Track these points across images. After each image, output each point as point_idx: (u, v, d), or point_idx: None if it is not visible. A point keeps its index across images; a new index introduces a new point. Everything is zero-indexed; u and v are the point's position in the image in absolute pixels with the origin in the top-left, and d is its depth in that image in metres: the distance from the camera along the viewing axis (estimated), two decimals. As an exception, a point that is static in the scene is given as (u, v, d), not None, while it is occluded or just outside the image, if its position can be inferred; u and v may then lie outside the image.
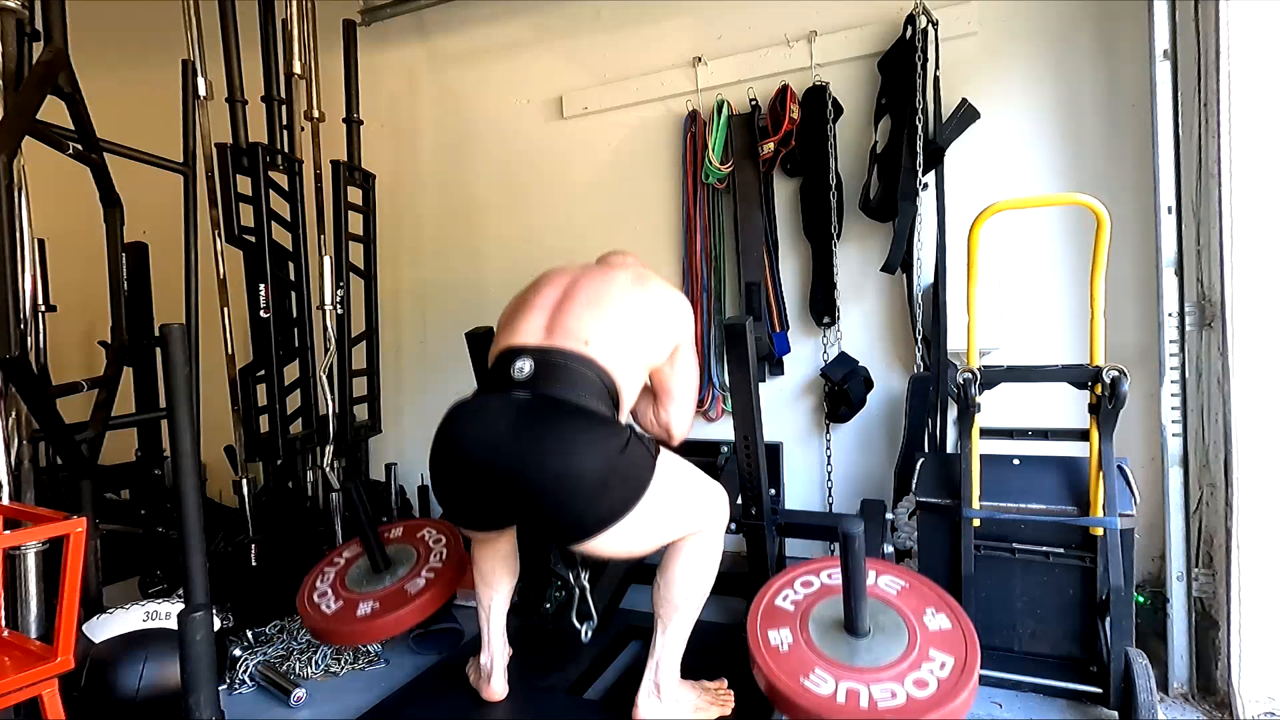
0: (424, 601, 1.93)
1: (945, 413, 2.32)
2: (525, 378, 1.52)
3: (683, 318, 1.74)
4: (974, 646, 1.45)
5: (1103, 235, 1.64)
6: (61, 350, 3.24)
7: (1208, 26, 1.74)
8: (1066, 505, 1.77)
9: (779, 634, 1.54)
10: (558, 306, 1.64)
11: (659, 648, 1.63)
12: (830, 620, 1.56)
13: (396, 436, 3.32)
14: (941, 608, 1.56)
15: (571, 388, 1.50)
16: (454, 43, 3.27)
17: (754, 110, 2.66)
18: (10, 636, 1.60)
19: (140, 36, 3.67)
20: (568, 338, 1.56)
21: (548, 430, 1.44)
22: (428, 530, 2.20)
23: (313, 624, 1.95)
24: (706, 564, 1.65)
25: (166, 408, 1.52)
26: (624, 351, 1.59)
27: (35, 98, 1.84)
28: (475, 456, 1.48)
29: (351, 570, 2.09)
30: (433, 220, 3.37)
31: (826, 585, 1.66)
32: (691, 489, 1.64)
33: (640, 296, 1.68)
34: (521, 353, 1.56)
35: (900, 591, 1.62)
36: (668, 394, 1.78)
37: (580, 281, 1.69)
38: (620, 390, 1.57)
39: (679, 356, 1.74)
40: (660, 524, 1.55)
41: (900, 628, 1.52)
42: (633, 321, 1.63)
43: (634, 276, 1.72)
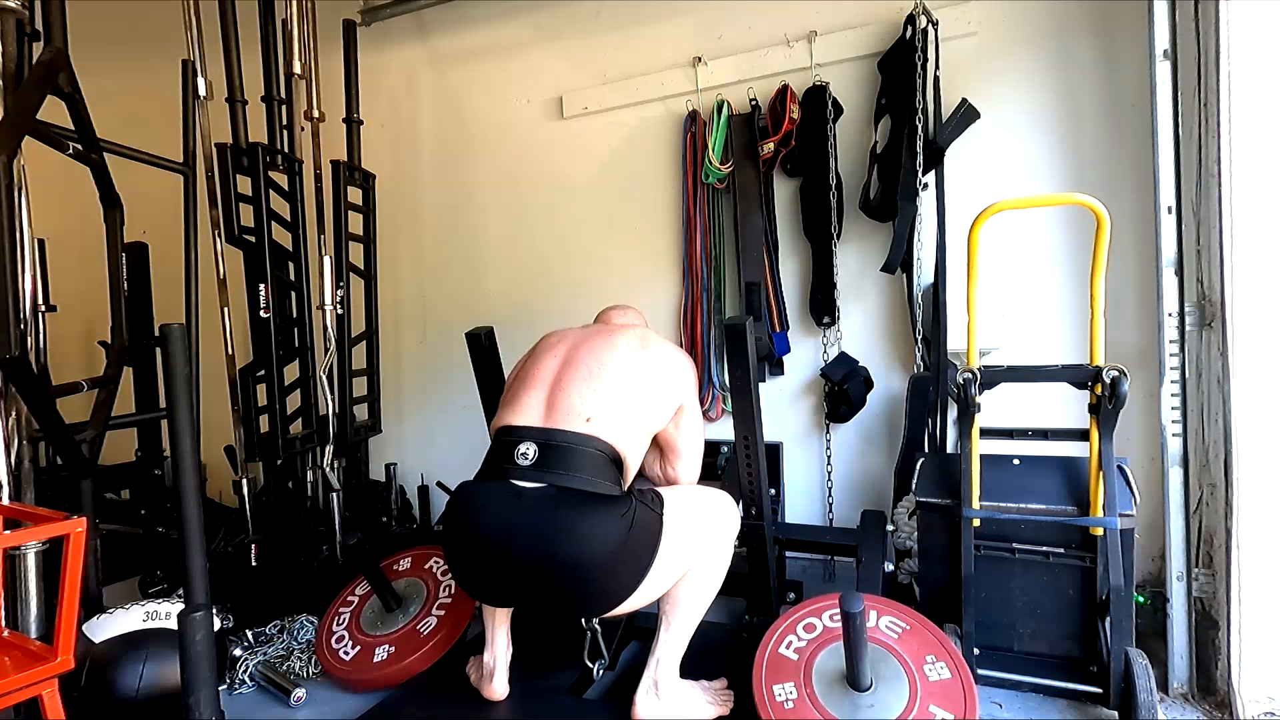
0: (437, 643, 1.97)
1: (945, 413, 2.32)
2: (530, 464, 1.53)
3: (685, 379, 1.75)
4: (973, 700, 1.49)
5: (1103, 235, 1.64)
6: (61, 350, 3.25)
7: (1208, 26, 1.73)
8: (1066, 505, 1.77)
9: (784, 689, 1.58)
10: (557, 380, 1.64)
11: (661, 645, 1.63)
12: (833, 672, 1.59)
13: (396, 436, 3.32)
14: (941, 655, 1.59)
15: (576, 472, 1.51)
16: (454, 43, 3.27)
17: (754, 110, 2.66)
18: (10, 636, 1.60)
19: (140, 36, 3.67)
20: (569, 417, 1.57)
21: (559, 523, 1.47)
22: (435, 561, 2.22)
23: (333, 672, 1.99)
24: (716, 565, 1.67)
25: (166, 408, 1.52)
26: (626, 423, 1.60)
27: (35, 98, 1.84)
28: (490, 548, 1.51)
29: (365, 611, 2.12)
30: (433, 220, 3.37)
31: (829, 629, 1.68)
32: (701, 520, 1.67)
33: (641, 362, 1.68)
34: (524, 435, 1.58)
35: (901, 635, 1.65)
36: (675, 452, 1.80)
37: (580, 349, 1.69)
38: (625, 459, 1.59)
39: (683, 416, 1.76)
40: (675, 568, 1.60)
41: (901, 678, 1.55)
42: (634, 391, 1.63)
43: (636, 340, 1.72)
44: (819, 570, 2.64)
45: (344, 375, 2.69)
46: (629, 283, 2.96)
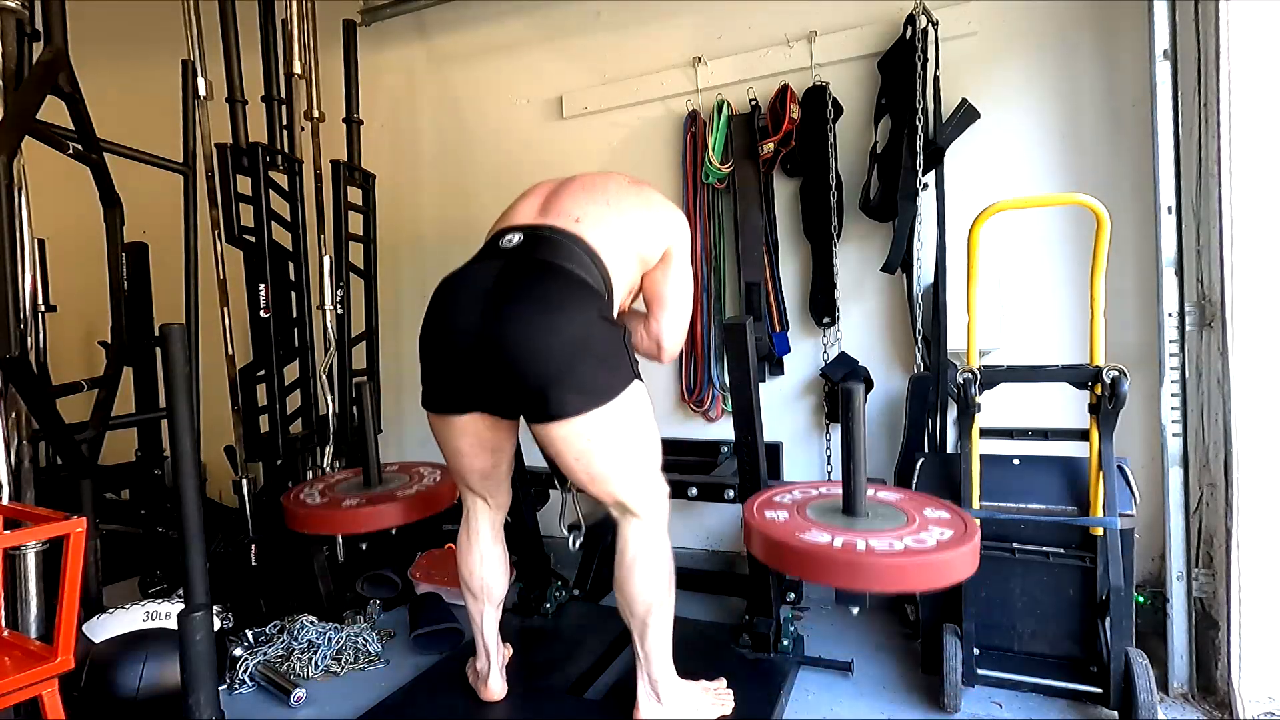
0: (411, 503, 1.89)
1: (945, 413, 2.32)
2: (513, 247, 1.53)
3: (678, 224, 1.73)
4: (973, 525, 1.45)
5: (1103, 235, 1.64)
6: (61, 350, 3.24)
7: (1208, 26, 1.73)
8: (1066, 505, 1.77)
9: (775, 513, 1.55)
10: (553, 193, 1.67)
11: (642, 659, 1.60)
12: (827, 507, 1.58)
13: (397, 436, 3.32)
14: (940, 506, 1.57)
15: (559, 256, 1.50)
16: (454, 43, 3.27)
17: (754, 110, 2.66)
18: (10, 636, 1.60)
19: (140, 36, 3.67)
20: (559, 216, 1.58)
21: (531, 284, 1.44)
22: (423, 467, 2.22)
23: (294, 512, 1.89)
24: (659, 567, 1.57)
25: (166, 408, 1.52)
26: (615, 235, 1.58)
27: (35, 98, 1.84)
28: (458, 318, 1.48)
29: (342, 484, 2.10)
30: (433, 220, 3.37)
31: (824, 494, 1.68)
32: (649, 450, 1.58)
33: (636, 194, 1.69)
34: (512, 229, 1.58)
35: (901, 499, 1.64)
36: (659, 301, 1.74)
37: (577, 177, 1.72)
38: (610, 273, 1.56)
39: (672, 262, 1.72)
40: (616, 446, 1.49)
41: (900, 514, 1.53)
42: (626, 211, 1.63)
43: (630, 179, 1.74)
44: (819, 570, 2.63)
45: (344, 375, 2.69)
46: (629, 283, 2.96)
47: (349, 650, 2.16)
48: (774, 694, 1.77)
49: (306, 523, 1.90)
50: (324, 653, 2.13)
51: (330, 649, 2.15)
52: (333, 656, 2.14)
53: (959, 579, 1.40)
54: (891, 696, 1.87)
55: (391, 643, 2.28)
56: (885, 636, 2.21)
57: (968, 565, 1.37)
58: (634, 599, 1.56)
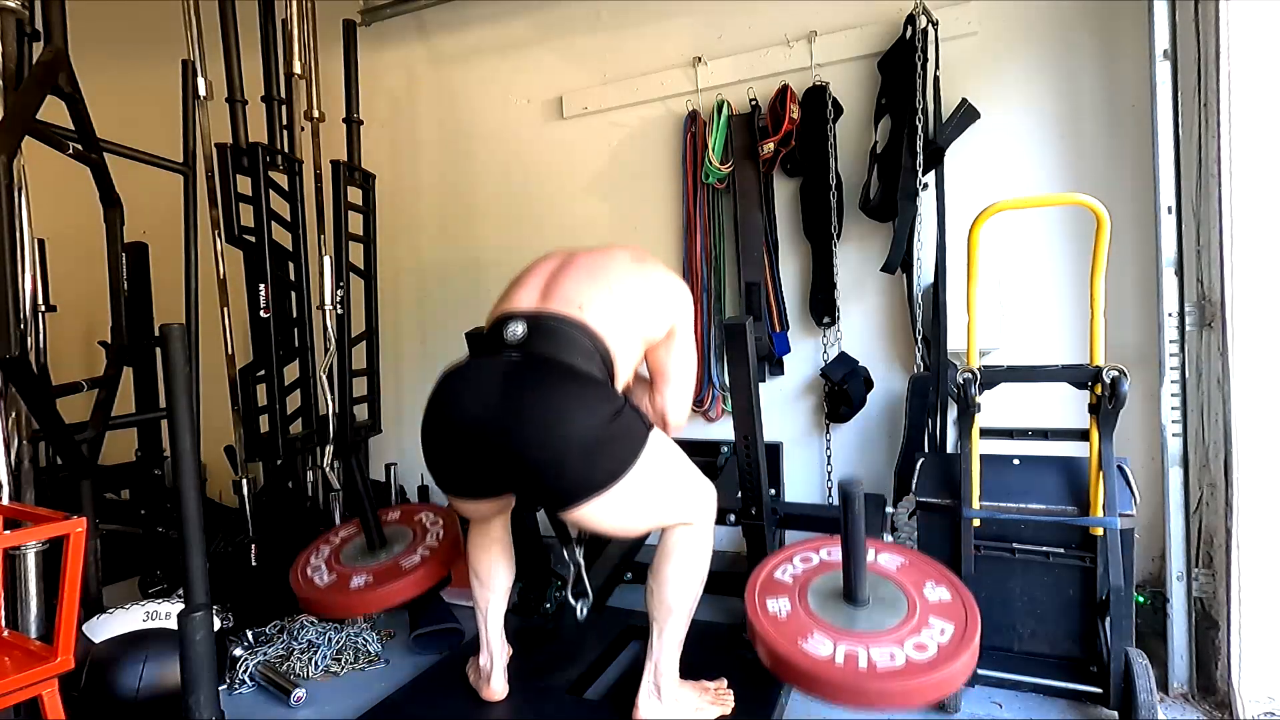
0: (418, 577, 1.91)
1: (945, 413, 2.32)
2: (518, 340, 1.51)
3: (681, 301, 1.73)
4: (974, 615, 1.44)
5: (1103, 235, 1.64)
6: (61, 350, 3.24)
7: (1208, 26, 1.73)
8: (1066, 505, 1.77)
9: (777, 603, 1.53)
10: (554, 275, 1.65)
11: (655, 650, 1.62)
12: (829, 590, 1.56)
13: (396, 436, 3.31)
14: (941, 581, 1.56)
15: (564, 349, 1.49)
16: (454, 43, 3.27)
17: (754, 110, 2.66)
18: (10, 636, 1.60)
19: (140, 36, 3.67)
20: (562, 303, 1.56)
21: (539, 389, 1.43)
22: (425, 514, 2.20)
23: (304, 594, 1.91)
24: (697, 562, 1.62)
25: (166, 408, 1.52)
26: (618, 320, 1.58)
27: (35, 98, 1.84)
28: (465, 417, 1.47)
29: (346, 548, 2.08)
30: (433, 220, 3.37)
31: (825, 561, 1.66)
32: (683, 474, 1.61)
33: (639, 273, 1.68)
34: (515, 317, 1.56)
35: (900, 567, 1.62)
36: (664, 377, 1.75)
37: (578, 256, 1.70)
38: (614, 358, 1.55)
39: (676, 338, 1.72)
40: (650, 500, 1.52)
41: (900, 598, 1.51)
42: (629, 293, 1.63)
43: (633, 256, 1.73)
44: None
45: (344, 375, 2.69)
46: (629, 283, 2.96)
47: (349, 650, 2.16)
48: (774, 694, 1.77)
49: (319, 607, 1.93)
50: (324, 653, 2.13)
51: (330, 649, 2.15)
52: (333, 656, 2.14)
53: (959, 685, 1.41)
54: (891, 696, 1.87)
55: (391, 643, 2.28)
56: (885, 636, 2.20)
57: (967, 670, 1.38)
58: (667, 583, 1.59)
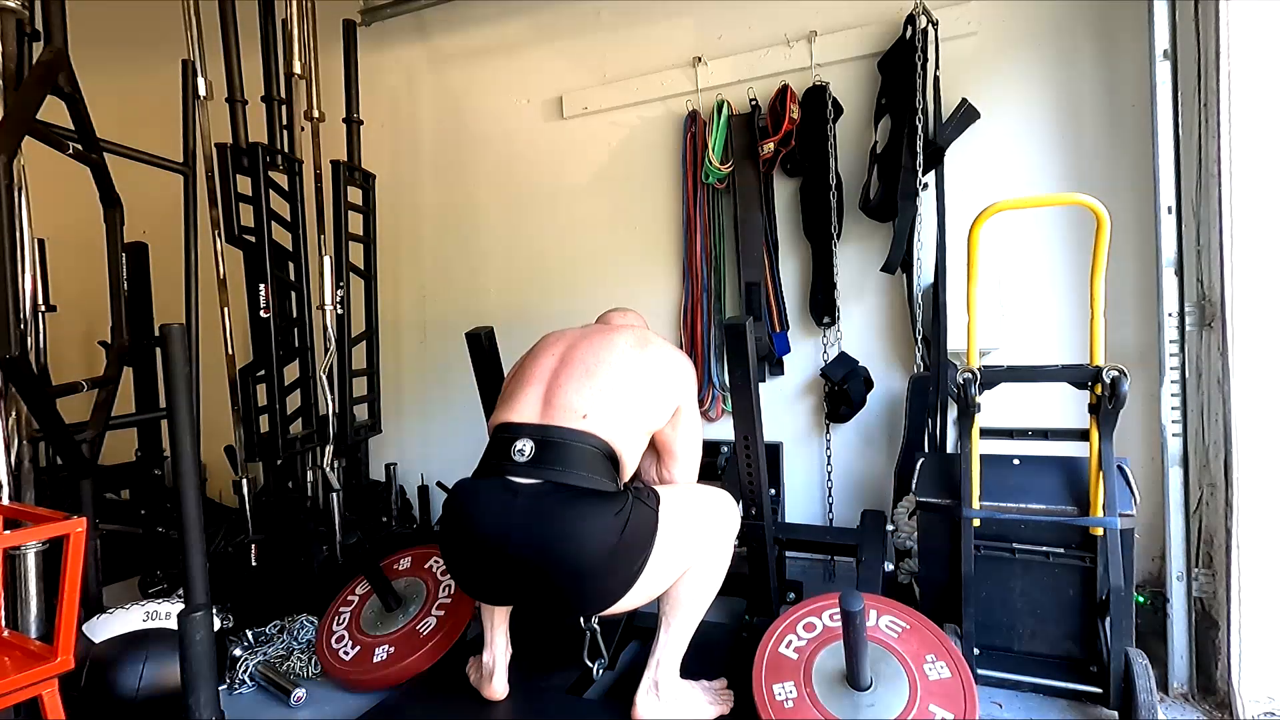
0: (437, 643, 1.96)
1: (945, 413, 2.32)
2: (526, 460, 1.53)
3: (684, 380, 1.74)
4: (973, 699, 1.49)
5: (1103, 235, 1.64)
6: (61, 350, 3.24)
7: (1208, 26, 1.73)
8: (1066, 505, 1.77)
9: (784, 688, 1.58)
10: (554, 377, 1.65)
11: (661, 645, 1.63)
12: (833, 671, 1.59)
13: (396, 436, 3.32)
14: (941, 654, 1.59)
15: (572, 468, 1.51)
16: (454, 43, 3.27)
17: (754, 110, 2.66)
18: (10, 636, 1.60)
19: (140, 36, 3.67)
20: (565, 414, 1.57)
21: (555, 520, 1.47)
22: (434, 560, 2.23)
23: (333, 673, 1.99)
24: (716, 565, 1.66)
25: (166, 408, 1.52)
26: (622, 420, 1.59)
27: (35, 98, 1.83)
28: (486, 546, 1.50)
29: (365, 611, 2.12)
30: (433, 220, 3.37)
31: (829, 629, 1.69)
32: (698, 518, 1.66)
33: (640, 361, 1.67)
34: (520, 432, 1.58)
35: (901, 635, 1.65)
36: (671, 455, 1.79)
37: (578, 347, 1.69)
38: (621, 457, 1.59)
39: (681, 418, 1.75)
40: (672, 567, 1.59)
41: (900, 677, 1.55)
42: (631, 389, 1.63)
43: (634, 340, 1.72)
44: (819, 570, 2.64)
45: (344, 375, 2.69)
46: (629, 282, 2.96)
47: (349, 650, 2.16)
48: (774, 694, 1.77)
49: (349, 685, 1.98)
50: (324, 653, 2.13)
51: (330, 649, 2.15)
52: (333, 656, 2.14)
53: None
54: (891, 696, 1.87)
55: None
56: (885, 636, 2.20)
57: None
58: (681, 583, 1.62)
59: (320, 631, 2.10)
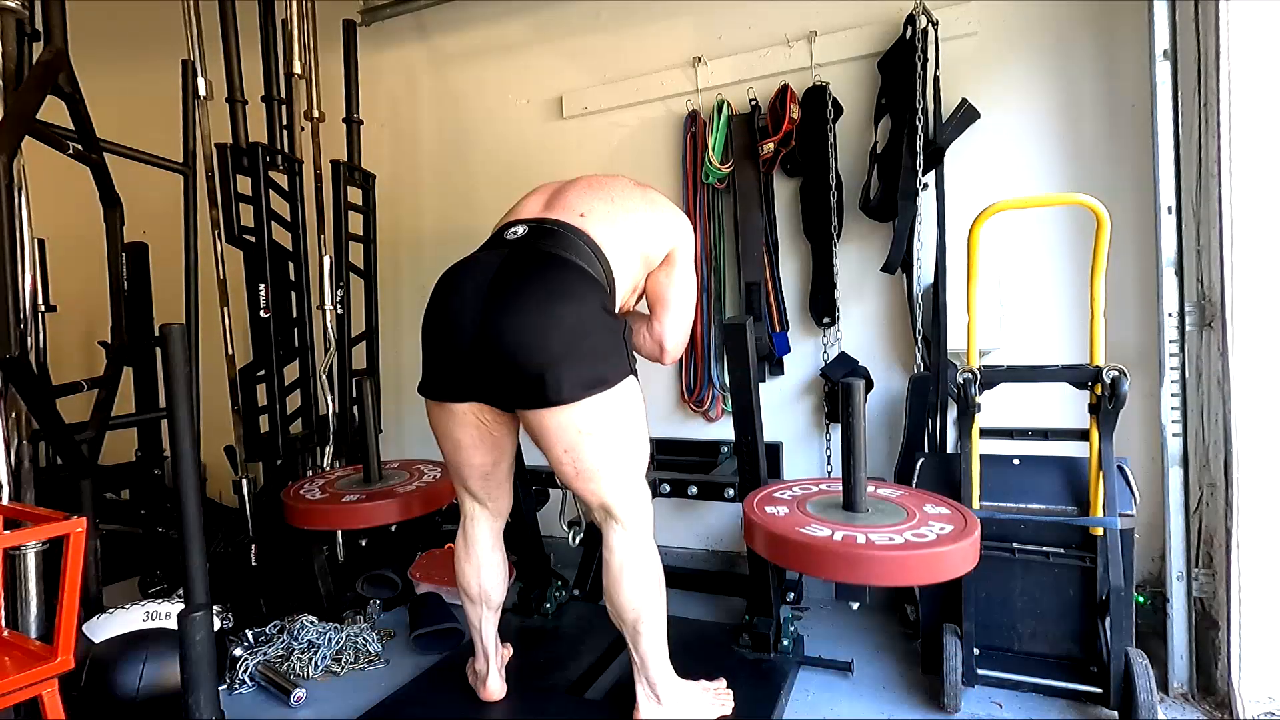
0: (411, 499, 1.90)
1: (945, 413, 2.32)
2: (518, 238, 1.55)
3: (681, 226, 1.75)
4: (973, 520, 1.47)
5: (1103, 235, 1.64)
6: (61, 350, 3.24)
7: (1208, 26, 1.74)
8: (1066, 505, 1.77)
9: (775, 508, 1.57)
10: (558, 190, 1.70)
11: (638, 663, 1.60)
12: (828, 503, 1.60)
13: (397, 436, 3.32)
14: (940, 502, 1.59)
15: (563, 246, 1.52)
16: (454, 43, 3.27)
17: (754, 110, 2.66)
18: (10, 636, 1.60)
19: (140, 36, 3.67)
20: (564, 211, 1.61)
21: (534, 273, 1.46)
22: (423, 464, 2.25)
23: (294, 507, 1.89)
24: (647, 574, 1.56)
25: (166, 408, 1.52)
26: (619, 232, 1.60)
27: (35, 98, 1.84)
28: (458, 303, 1.49)
29: (342, 480, 2.12)
30: (433, 220, 3.37)
31: (825, 490, 1.71)
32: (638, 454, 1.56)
33: (640, 196, 1.72)
34: (517, 222, 1.60)
35: (900, 495, 1.67)
36: (663, 302, 1.75)
37: (582, 177, 1.75)
38: (613, 268, 1.56)
39: (676, 264, 1.73)
40: (606, 442, 1.48)
41: (900, 510, 1.55)
42: (629, 210, 1.66)
43: (635, 182, 1.77)
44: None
45: (344, 375, 2.69)
46: (629, 283, 2.96)
47: (349, 650, 2.16)
48: (774, 694, 1.77)
49: (306, 518, 1.90)
50: (324, 653, 2.13)
51: (330, 649, 2.15)
52: (333, 656, 2.14)
53: (959, 573, 1.41)
54: (891, 696, 1.87)
55: (391, 643, 2.28)
56: (885, 636, 2.21)
57: (968, 559, 1.38)
58: (623, 607, 1.55)
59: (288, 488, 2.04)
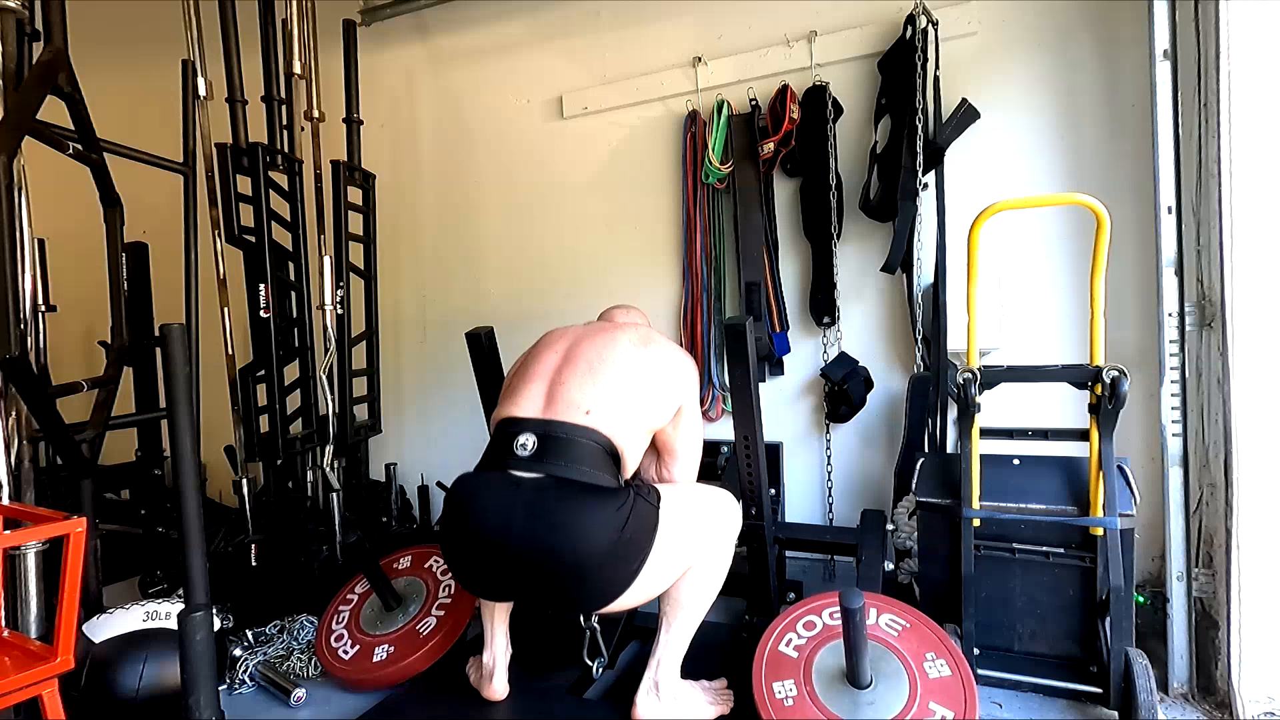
0: (436, 644, 1.95)
1: (945, 413, 2.32)
2: (529, 454, 1.53)
3: (686, 379, 1.74)
4: (973, 697, 1.49)
5: (1103, 235, 1.64)
6: (61, 350, 3.24)
7: (1208, 26, 1.73)
8: (1066, 505, 1.77)
9: (783, 686, 1.57)
10: (557, 374, 1.65)
11: (662, 646, 1.63)
12: (833, 669, 1.59)
13: (396, 436, 3.32)
14: (941, 653, 1.59)
15: (575, 463, 1.51)
16: (454, 43, 3.27)
17: (754, 110, 2.66)
18: (10, 636, 1.60)
19: (140, 36, 3.67)
20: (568, 409, 1.58)
21: (556, 515, 1.47)
22: (435, 560, 2.22)
23: (333, 672, 1.98)
24: (717, 564, 1.67)
25: (166, 408, 1.52)
26: (624, 417, 1.59)
27: (35, 98, 1.84)
28: (487, 540, 1.50)
29: (364, 610, 2.12)
30: (433, 220, 3.37)
31: (828, 627, 1.68)
32: (699, 517, 1.67)
33: (642, 359, 1.67)
34: (523, 426, 1.58)
35: (901, 633, 1.65)
36: (672, 454, 1.79)
37: (581, 344, 1.69)
38: (622, 453, 1.58)
39: (682, 417, 1.74)
40: (672, 566, 1.59)
41: (901, 675, 1.55)
42: (633, 386, 1.63)
43: (637, 338, 1.72)
44: (819, 570, 2.64)
45: (344, 375, 2.69)
46: (629, 282, 2.96)
47: (349, 650, 2.16)
48: (774, 694, 1.77)
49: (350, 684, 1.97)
50: (324, 653, 2.13)
51: (330, 649, 2.15)
52: (333, 656, 2.14)
53: None
54: (891, 696, 1.87)
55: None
56: (885, 636, 2.20)
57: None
58: (683, 583, 1.62)
59: (320, 630, 2.10)
